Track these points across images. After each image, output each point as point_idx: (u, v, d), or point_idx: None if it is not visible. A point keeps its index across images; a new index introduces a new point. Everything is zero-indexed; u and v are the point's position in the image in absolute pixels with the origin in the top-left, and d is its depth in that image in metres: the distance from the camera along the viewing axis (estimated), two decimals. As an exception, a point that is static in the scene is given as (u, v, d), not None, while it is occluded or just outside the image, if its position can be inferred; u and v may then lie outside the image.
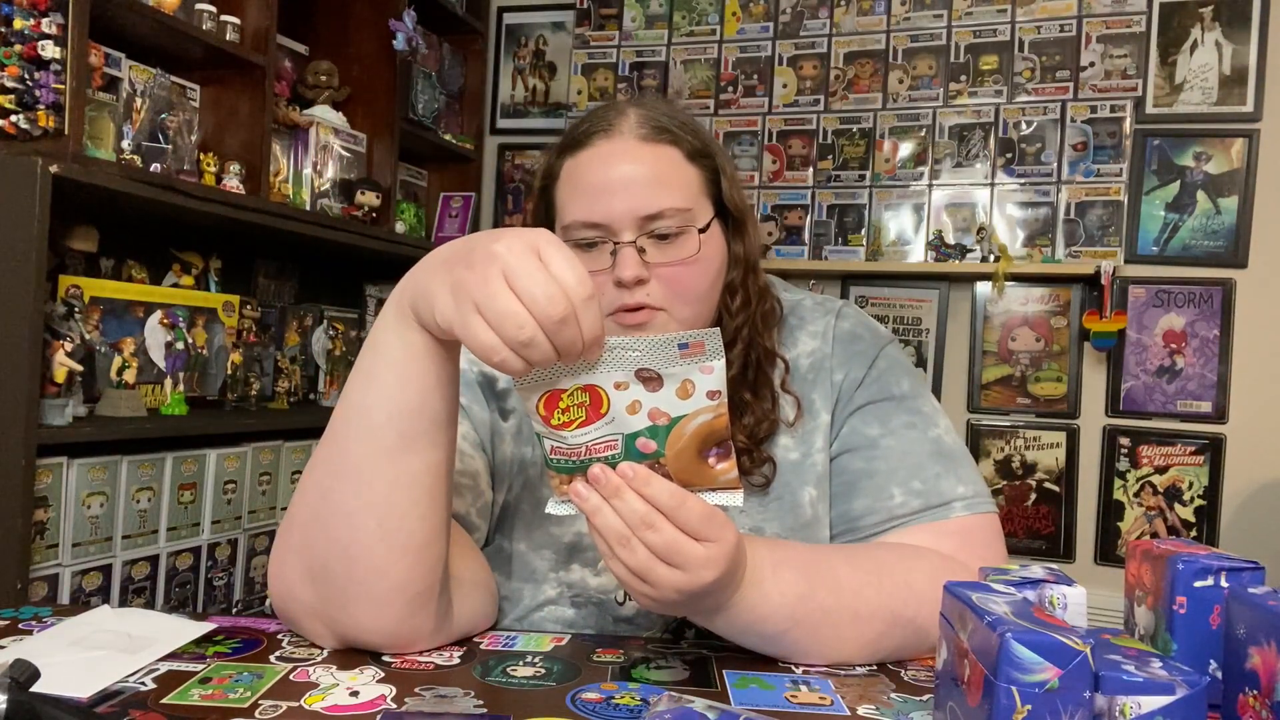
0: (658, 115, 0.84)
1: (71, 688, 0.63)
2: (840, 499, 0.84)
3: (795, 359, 0.89)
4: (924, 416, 0.87)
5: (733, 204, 0.86)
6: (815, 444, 0.86)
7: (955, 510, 0.82)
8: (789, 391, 0.87)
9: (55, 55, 1.51)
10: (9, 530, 1.40)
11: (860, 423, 0.85)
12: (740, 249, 0.86)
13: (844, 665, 0.74)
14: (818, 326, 0.90)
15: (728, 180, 0.86)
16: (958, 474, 0.84)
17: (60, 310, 1.63)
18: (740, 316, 0.85)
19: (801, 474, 0.86)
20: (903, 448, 0.84)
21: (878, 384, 0.87)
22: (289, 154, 2.20)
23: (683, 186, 0.82)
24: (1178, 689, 0.51)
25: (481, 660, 0.72)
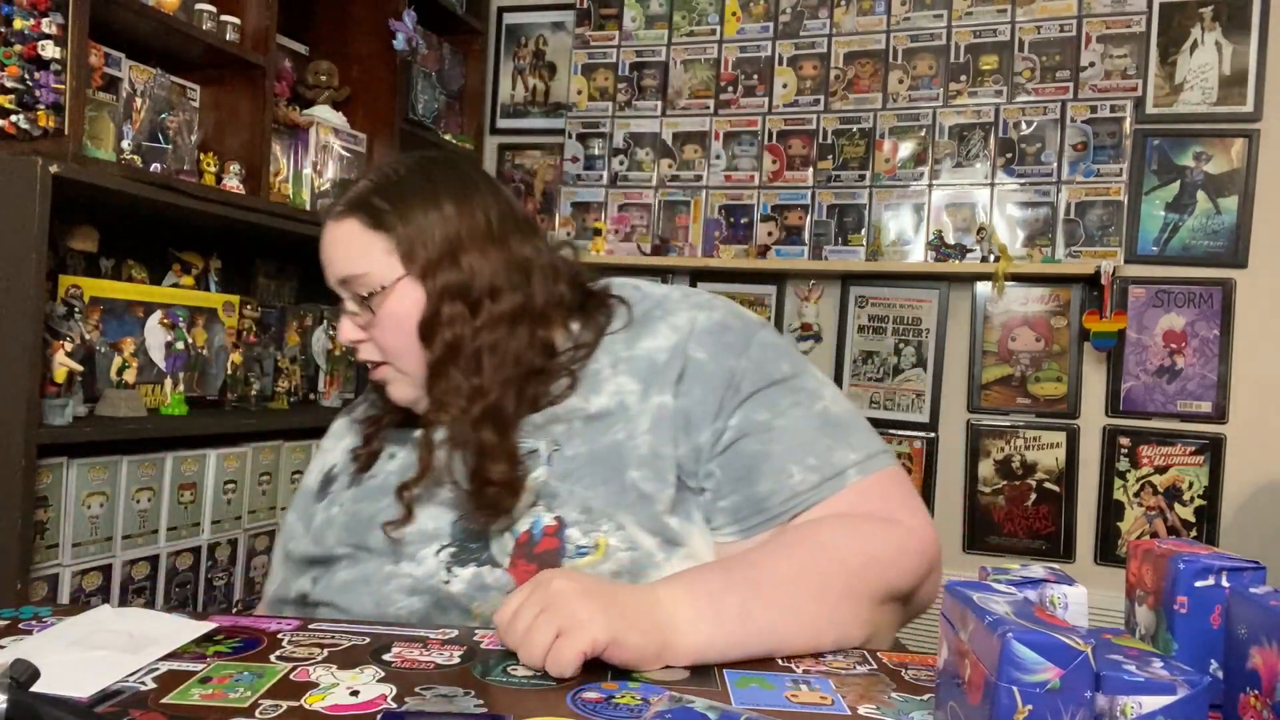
0: (356, 191, 0.93)
1: (71, 687, 0.63)
2: (744, 483, 0.87)
3: (652, 350, 0.91)
4: (808, 393, 0.91)
5: (421, 259, 0.89)
6: (641, 426, 0.88)
7: (850, 477, 0.87)
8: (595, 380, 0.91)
9: (55, 55, 1.51)
10: (9, 530, 1.40)
11: (751, 411, 0.88)
12: (439, 291, 0.89)
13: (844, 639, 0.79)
14: (680, 320, 0.93)
15: (413, 235, 0.89)
16: (848, 441, 0.89)
17: (60, 310, 1.63)
18: (436, 356, 0.88)
19: (624, 455, 0.87)
20: (794, 427, 0.88)
21: (759, 371, 0.90)
22: (289, 154, 2.20)
23: (360, 255, 0.90)
24: (1179, 689, 0.51)
25: (482, 659, 0.72)
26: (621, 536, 0.85)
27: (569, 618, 0.68)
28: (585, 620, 0.67)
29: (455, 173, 0.96)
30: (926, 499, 2.45)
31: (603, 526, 0.85)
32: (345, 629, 0.80)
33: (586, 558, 0.85)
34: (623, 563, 0.84)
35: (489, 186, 0.96)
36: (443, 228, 0.90)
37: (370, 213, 0.90)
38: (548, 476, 0.87)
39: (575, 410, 0.90)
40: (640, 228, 2.63)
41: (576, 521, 0.85)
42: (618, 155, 2.67)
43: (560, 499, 0.86)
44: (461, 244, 0.90)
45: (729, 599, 0.74)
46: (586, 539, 0.85)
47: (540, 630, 0.67)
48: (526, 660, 0.68)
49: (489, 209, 0.93)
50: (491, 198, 0.94)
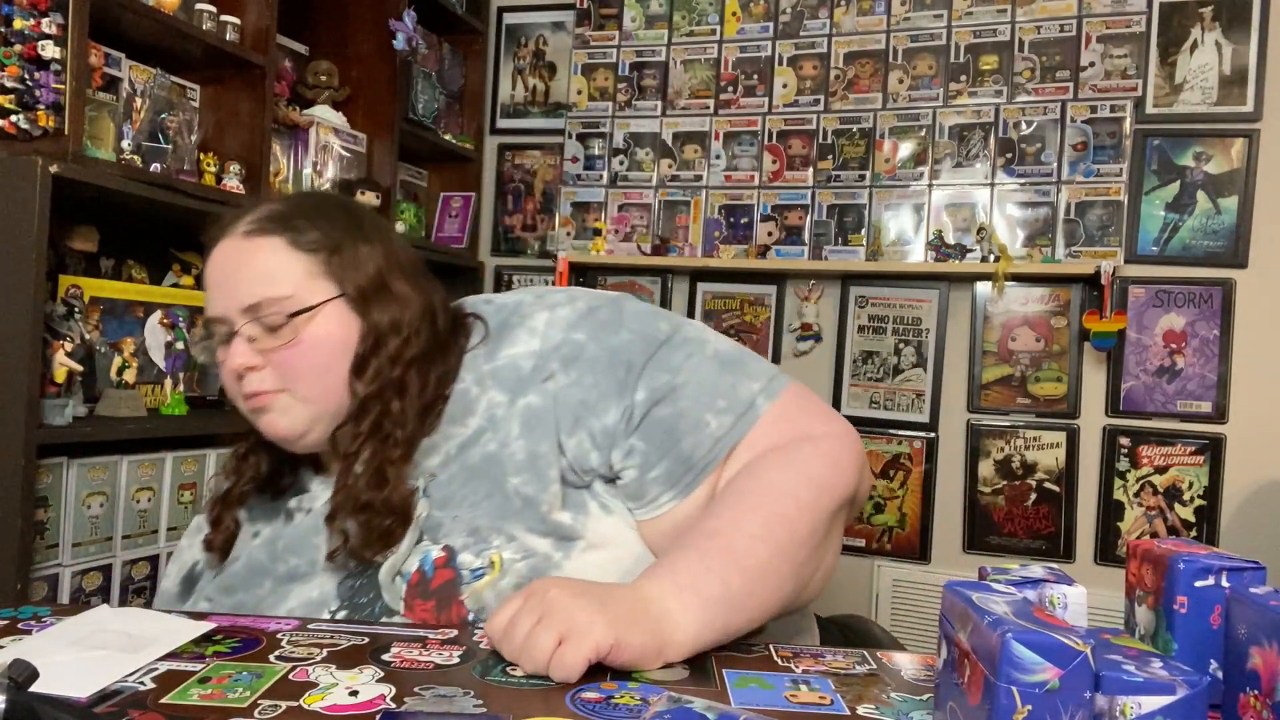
0: (273, 209, 0.92)
1: (70, 688, 0.63)
2: (668, 446, 0.87)
3: (514, 356, 0.91)
4: (695, 342, 0.92)
5: (354, 284, 0.89)
6: (512, 432, 0.88)
7: (760, 406, 0.89)
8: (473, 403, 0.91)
9: (55, 55, 1.51)
10: (9, 530, 1.40)
11: (650, 379, 0.88)
12: (375, 321, 0.89)
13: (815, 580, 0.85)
14: (537, 322, 0.92)
15: (345, 261, 0.89)
16: (748, 372, 0.91)
17: (60, 310, 1.63)
18: (369, 388, 0.88)
19: (501, 464, 0.87)
20: (695, 379, 0.89)
21: (643, 340, 0.90)
22: (289, 154, 2.20)
23: (284, 275, 0.88)
24: (1178, 689, 0.51)
25: (481, 659, 0.72)
26: (515, 547, 0.85)
27: (569, 623, 0.67)
28: (586, 624, 0.67)
29: (369, 212, 0.99)
30: (926, 499, 2.45)
31: (493, 542, 0.85)
32: (344, 629, 0.80)
33: (484, 578, 0.84)
34: (521, 573, 0.85)
35: (394, 231, 0.99)
36: (373, 259, 0.91)
37: (297, 233, 0.89)
38: (428, 509, 0.87)
39: (450, 436, 0.90)
40: (640, 228, 2.63)
41: (466, 545, 0.85)
42: (618, 155, 2.67)
43: (445, 528, 0.86)
44: (391, 277, 0.91)
45: (710, 581, 0.75)
46: (479, 560, 0.85)
47: (541, 638, 0.67)
48: (528, 667, 0.68)
49: (404, 248, 0.96)
50: (402, 240, 0.97)
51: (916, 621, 2.43)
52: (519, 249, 2.86)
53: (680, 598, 0.73)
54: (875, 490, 2.49)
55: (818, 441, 0.87)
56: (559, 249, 2.65)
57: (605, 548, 0.87)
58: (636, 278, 2.69)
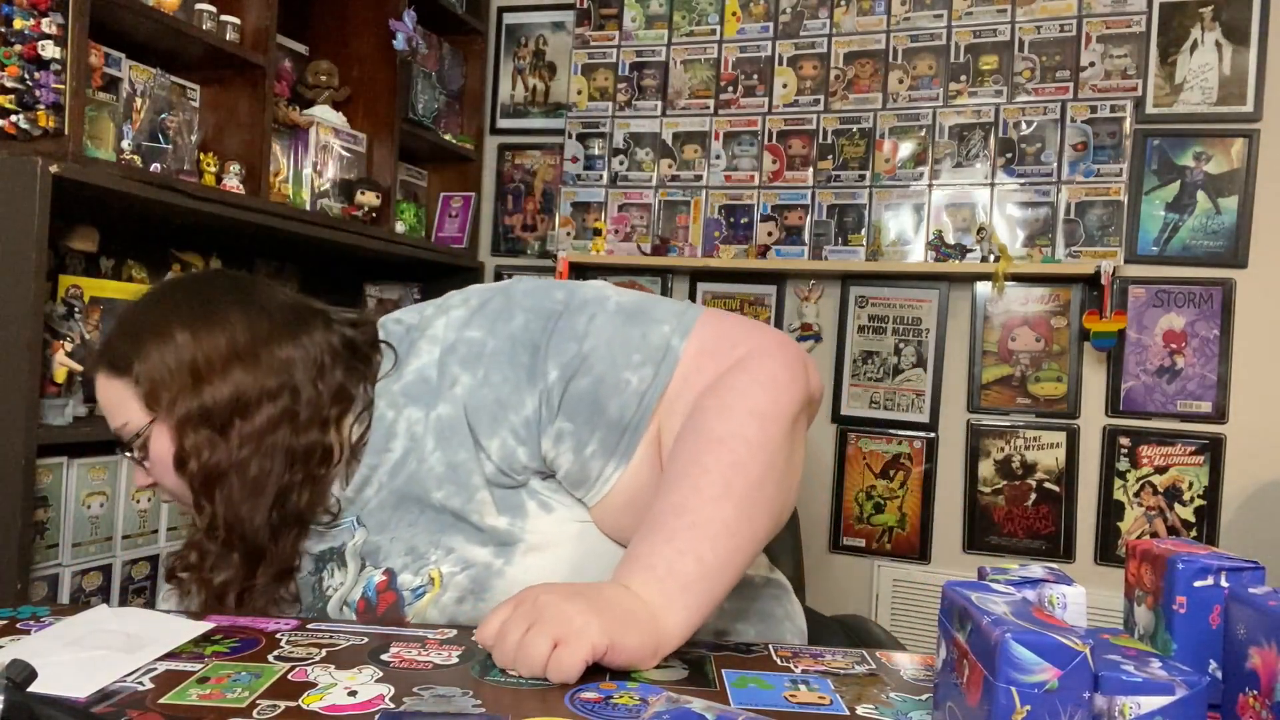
0: (107, 337, 0.92)
1: (69, 688, 0.63)
2: (596, 416, 0.84)
3: (420, 368, 0.89)
4: (593, 302, 0.88)
5: (164, 396, 0.86)
6: (428, 447, 0.87)
7: (674, 348, 0.85)
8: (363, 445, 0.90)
9: (55, 55, 1.51)
10: (9, 530, 1.40)
11: (558, 354, 0.85)
12: (186, 433, 0.86)
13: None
14: (436, 330, 0.90)
15: (156, 379, 0.86)
16: (653, 318, 0.87)
17: (60, 310, 1.63)
18: (195, 500, 0.87)
19: (423, 482, 0.86)
20: (602, 340, 0.85)
21: (539, 317, 0.87)
22: (289, 154, 2.20)
23: (117, 406, 0.90)
24: (1177, 689, 0.51)
25: (480, 660, 0.72)
26: (453, 560, 0.85)
27: (564, 626, 0.67)
28: (581, 627, 0.67)
29: (194, 297, 0.92)
30: (926, 499, 2.45)
31: (431, 558, 0.85)
32: (344, 629, 0.80)
33: (425, 596, 0.85)
34: (462, 585, 0.85)
35: (237, 297, 0.92)
36: (175, 358, 0.86)
37: (112, 360, 0.89)
38: (365, 536, 0.88)
39: (377, 466, 0.89)
40: (640, 228, 2.63)
41: (405, 565, 0.86)
42: (618, 155, 2.67)
43: (383, 551, 0.87)
44: (199, 370, 0.86)
45: (685, 564, 0.73)
46: (419, 578, 0.85)
47: (536, 643, 0.66)
48: (525, 673, 0.67)
49: (232, 326, 0.88)
50: (240, 311, 0.90)
51: (916, 621, 2.43)
52: (519, 249, 2.86)
53: (663, 589, 0.72)
54: (875, 490, 2.49)
55: (746, 365, 0.83)
56: (559, 249, 2.65)
57: (547, 549, 0.86)
58: (636, 278, 2.69)
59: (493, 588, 0.85)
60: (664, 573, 0.73)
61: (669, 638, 0.71)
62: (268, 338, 0.89)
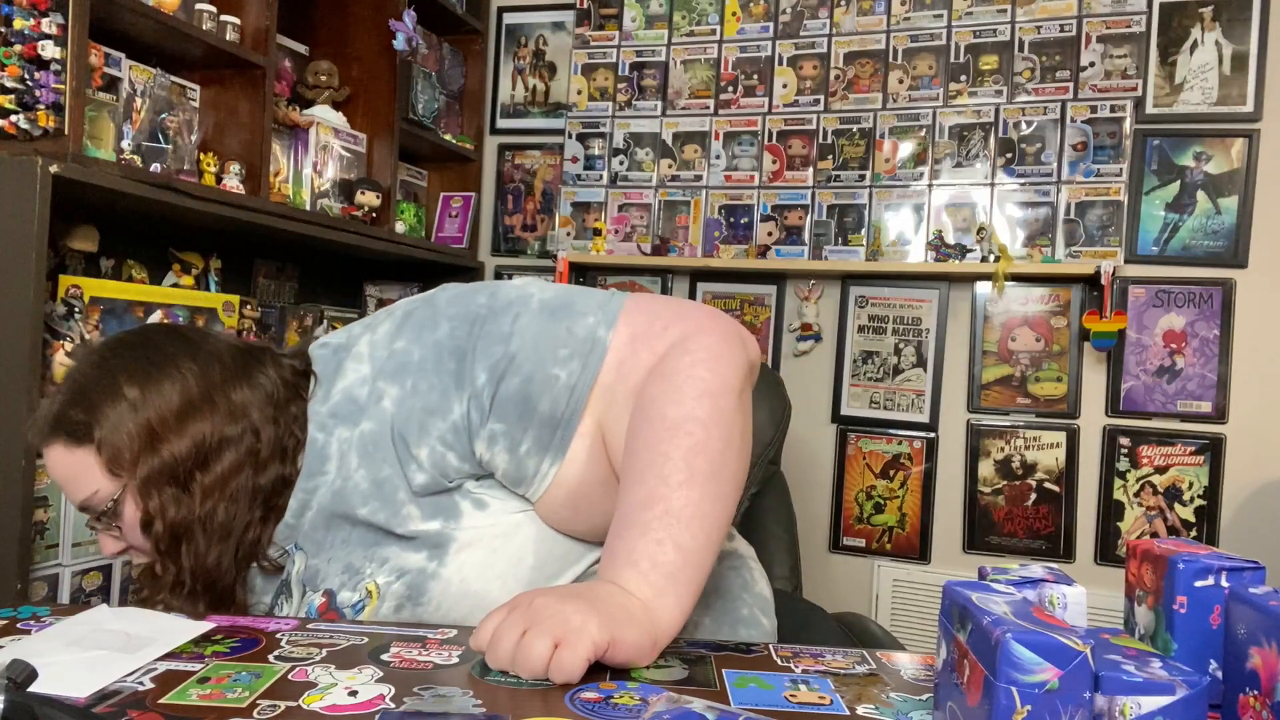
0: (50, 407, 0.88)
1: (69, 688, 0.63)
2: (527, 415, 0.84)
3: (346, 388, 0.89)
4: (516, 302, 0.87)
5: (129, 465, 0.85)
6: (351, 464, 0.87)
7: (601, 339, 0.84)
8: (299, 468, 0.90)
9: (55, 55, 1.51)
10: (9, 530, 1.40)
11: (485, 357, 0.85)
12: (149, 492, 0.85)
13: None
14: (361, 348, 0.90)
15: (116, 444, 0.85)
16: (577, 312, 0.86)
17: (60, 310, 1.63)
18: (166, 546, 0.86)
19: (348, 499, 0.86)
20: (528, 338, 0.85)
21: (464, 322, 0.87)
22: (289, 154, 2.20)
23: (81, 476, 0.86)
24: (1178, 689, 0.51)
25: (480, 660, 0.72)
26: (388, 569, 0.85)
27: (562, 626, 0.67)
28: (580, 626, 0.67)
29: (140, 351, 0.90)
30: (926, 499, 2.45)
31: (366, 572, 0.86)
32: (344, 629, 0.80)
33: (365, 609, 0.86)
34: (400, 594, 0.85)
35: (184, 346, 0.91)
36: (133, 418, 0.85)
37: (70, 430, 0.86)
38: (304, 562, 0.88)
39: (314, 489, 0.89)
40: (640, 228, 2.63)
41: (343, 584, 0.86)
42: (618, 155, 2.67)
43: (322, 574, 0.87)
44: (154, 428, 0.85)
45: (665, 553, 0.74)
46: (356, 593, 0.86)
47: (535, 645, 0.66)
48: (526, 675, 0.67)
49: (183, 376, 0.88)
50: (187, 361, 0.89)
51: (916, 622, 2.43)
52: (519, 249, 2.86)
53: (650, 582, 0.73)
54: (875, 490, 2.49)
55: (684, 345, 0.82)
56: (559, 249, 2.65)
57: (480, 544, 0.85)
58: (636, 278, 2.69)
59: (428, 590, 0.85)
60: (648, 567, 0.73)
61: (665, 629, 0.72)
62: (221, 383, 0.89)
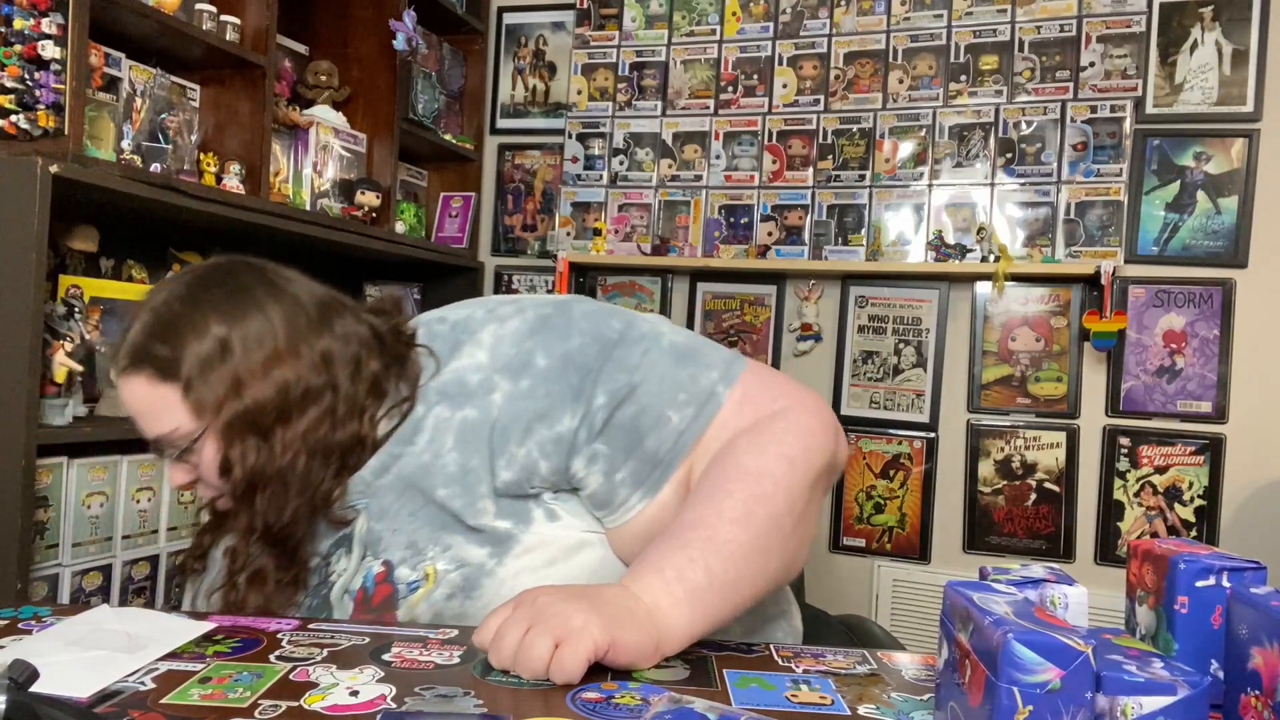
0: (135, 335, 0.87)
1: (71, 688, 0.63)
2: (634, 446, 0.86)
3: (460, 370, 0.90)
4: (649, 337, 0.91)
5: (214, 403, 0.85)
6: (446, 444, 0.88)
7: (720, 394, 0.88)
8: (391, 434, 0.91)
9: (55, 55, 1.51)
10: (9, 530, 1.40)
11: (608, 381, 0.87)
12: (232, 434, 0.86)
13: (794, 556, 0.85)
14: (485, 336, 0.91)
15: (203, 380, 0.85)
16: (704, 362, 0.90)
17: (60, 310, 1.63)
18: (237, 492, 0.87)
19: (430, 476, 0.87)
20: (653, 375, 0.88)
21: (596, 342, 0.89)
22: (289, 154, 2.19)
23: (163, 411, 0.86)
24: (1179, 689, 0.51)
25: (481, 660, 0.72)
26: (449, 557, 0.86)
27: (563, 626, 0.67)
28: (581, 626, 0.67)
29: (228, 288, 0.89)
30: (926, 499, 2.45)
31: (429, 554, 0.86)
32: (345, 629, 0.80)
33: (418, 591, 0.86)
34: (455, 583, 0.86)
35: (269, 289, 0.90)
36: (221, 361, 0.85)
37: (154, 363, 0.86)
38: (368, 521, 0.88)
39: (397, 456, 0.89)
40: (640, 228, 2.63)
41: (404, 559, 0.86)
42: (618, 155, 2.67)
43: (384, 542, 0.88)
44: (240, 373, 0.86)
45: (694, 571, 0.75)
46: (415, 573, 0.86)
47: (536, 644, 0.66)
48: (526, 674, 0.67)
49: (271, 319, 0.88)
50: (273, 303, 0.89)
51: (917, 622, 2.43)
52: (519, 249, 2.86)
53: (668, 591, 0.73)
54: (875, 490, 2.49)
55: (785, 415, 0.86)
56: (559, 249, 2.65)
57: (541, 552, 0.86)
58: (636, 278, 2.69)
59: (482, 586, 0.86)
60: (671, 576, 0.74)
61: (669, 636, 0.72)
62: (305, 331, 0.89)
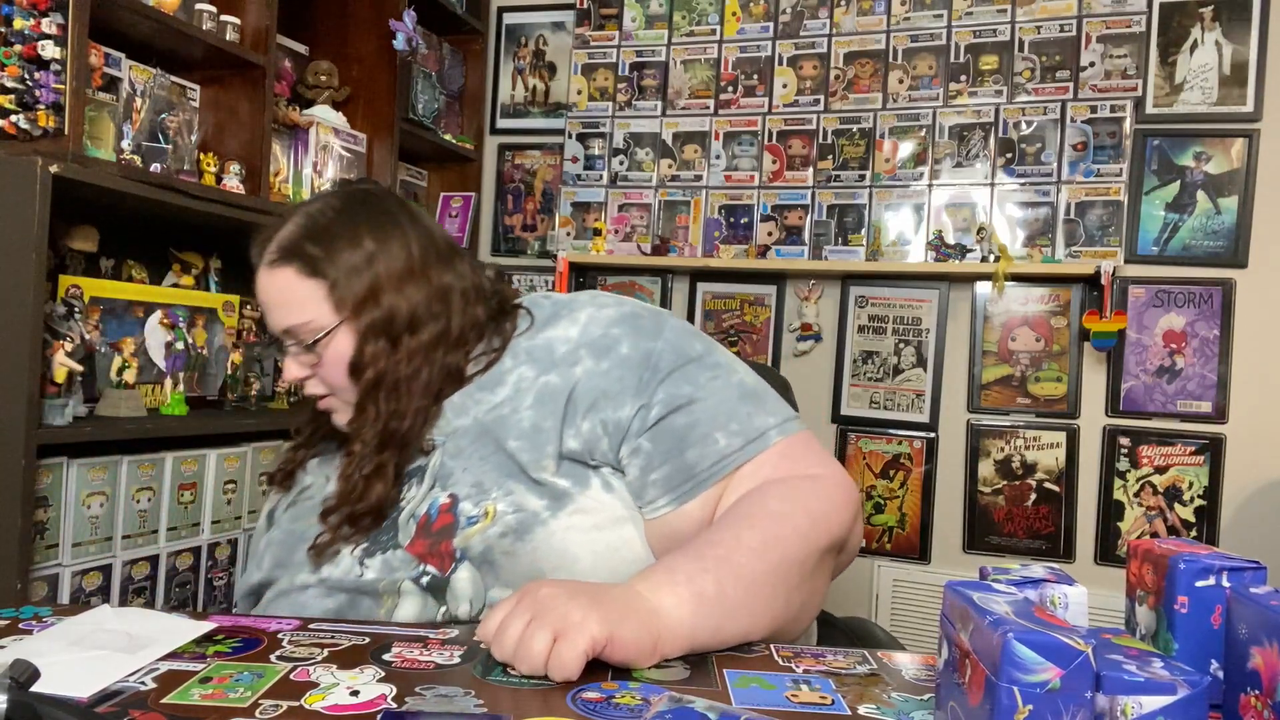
0: (287, 235, 0.97)
1: (71, 687, 0.63)
2: (674, 454, 0.91)
3: (552, 338, 0.97)
4: (724, 368, 0.96)
5: (354, 302, 0.94)
6: (525, 402, 0.94)
7: (771, 438, 0.92)
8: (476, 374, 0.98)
9: (55, 55, 1.51)
10: (9, 530, 1.40)
11: (673, 387, 0.93)
12: (367, 333, 0.94)
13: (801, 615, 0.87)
14: (581, 315, 0.98)
15: (348, 281, 0.94)
16: (765, 408, 0.95)
17: (60, 310, 1.63)
18: (364, 390, 0.94)
19: (505, 427, 0.93)
20: (714, 399, 0.93)
21: (675, 351, 0.95)
22: (289, 154, 2.19)
23: (301, 303, 0.95)
24: (1179, 689, 0.51)
25: (482, 659, 0.72)
26: (510, 501, 0.90)
27: (562, 620, 0.68)
28: (580, 621, 0.68)
29: (376, 209, 0.99)
30: (926, 499, 2.45)
31: (492, 494, 0.90)
32: (345, 629, 0.80)
33: (476, 525, 0.90)
34: (510, 524, 0.89)
35: (409, 219, 1.00)
36: (367, 267, 0.95)
37: (305, 260, 0.95)
38: (443, 457, 0.94)
39: (479, 401, 0.96)
40: (640, 228, 2.63)
41: (469, 495, 0.91)
42: (618, 155, 2.67)
43: (454, 477, 0.93)
44: (381, 282, 0.95)
45: (705, 580, 0.77)
46: (476, 509, 0.90)
47: (535, 638, 0.67)
48: (525, 669, 0.68)
49: (409, 243, 0.97)
50: (412, 230, 0.98)
51: (917, 622, 2.43)
52: (519, 249, 2.86)
53: (675, 593, 0.74)
54: (875, 490, 2.50)
55: (818, 480, 0.90)
56: (559, 249, 2.65)
57: (591, 515, 0.90)
58: (636, 278, 2.69)
59: (534, 532, 0.89)
60: (683, 579, 0.76)
61: (670, 634, 0.72)
62: (434, 261, 0.98)
